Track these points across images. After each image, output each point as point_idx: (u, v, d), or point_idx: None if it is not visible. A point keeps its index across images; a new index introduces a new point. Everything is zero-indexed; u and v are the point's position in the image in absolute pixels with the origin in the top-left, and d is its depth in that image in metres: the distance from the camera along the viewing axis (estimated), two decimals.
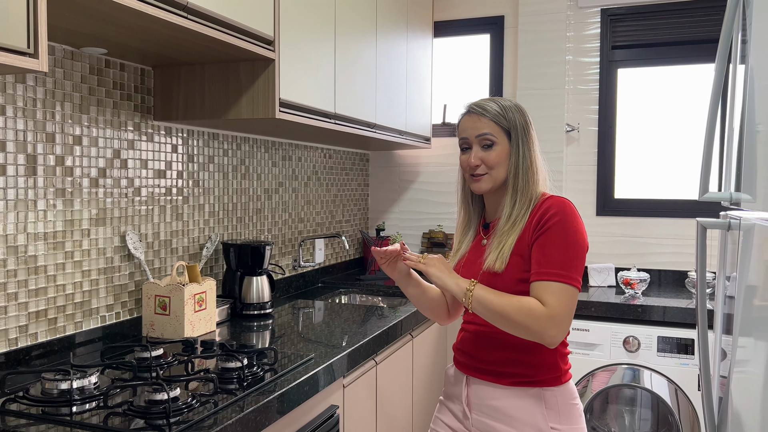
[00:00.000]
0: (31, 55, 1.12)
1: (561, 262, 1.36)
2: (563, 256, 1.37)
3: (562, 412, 1.44)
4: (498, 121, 1.47)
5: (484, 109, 1.48)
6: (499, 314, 1.37)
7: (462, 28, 3.40)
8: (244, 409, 1.32)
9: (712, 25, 2.98)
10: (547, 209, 1.42)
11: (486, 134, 1.46)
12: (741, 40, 1.22)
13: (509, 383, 1.46)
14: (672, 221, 3.05)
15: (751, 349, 1.01)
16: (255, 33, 1.77)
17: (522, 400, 1.45)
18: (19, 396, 1.36)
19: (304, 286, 2.89)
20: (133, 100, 1.93)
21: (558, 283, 1.36)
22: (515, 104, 1.51)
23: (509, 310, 1.36)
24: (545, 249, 1.38)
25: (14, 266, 1.57)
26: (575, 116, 3.20)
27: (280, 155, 2.72)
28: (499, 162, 1.46)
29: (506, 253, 1.43)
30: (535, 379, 1.45)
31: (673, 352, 2.50)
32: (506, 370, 1.47)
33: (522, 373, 1.45)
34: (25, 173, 1.59)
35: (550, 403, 1.44)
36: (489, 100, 1.51)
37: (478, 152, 1.47)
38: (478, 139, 1.47)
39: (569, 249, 1.37)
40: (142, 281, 1.97)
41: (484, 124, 1.47)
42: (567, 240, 1.38)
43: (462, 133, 1.51)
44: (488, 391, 1.49)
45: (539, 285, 1.37)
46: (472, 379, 1.53)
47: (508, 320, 1.37)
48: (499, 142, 1.47)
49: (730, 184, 1.21)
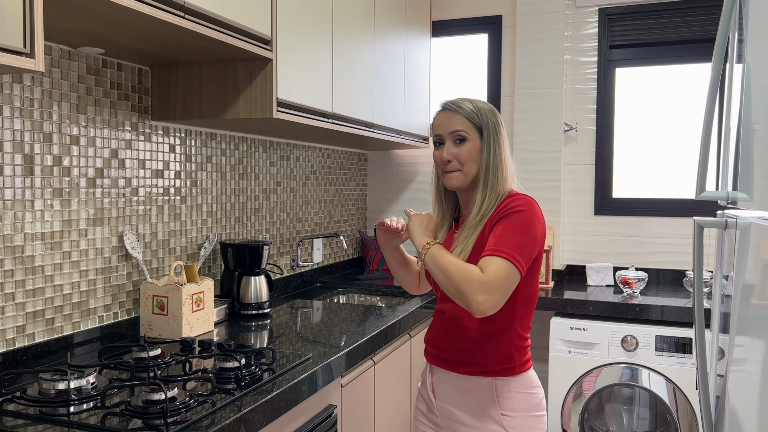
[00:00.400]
0: (28, 55, 1.12)
1: (512, 245, 1.43)
2: (516, 240, 1.43)
3: (515, 401, 1.53)
4: (471, 118, 1.53)
5: (458, 106, 1.54)
6: (442, 270, 1.44)
7: (460, 28, 3.40)
8: (241, 409, 1.32)
9: (710, 25, 2.98)
10: (509, 202, 1.50)
11: (459, 130, 1.52)
12: (738, 39, 1.22)
13: (465, 372, 1.57)
14: (670, 220, 3.06)
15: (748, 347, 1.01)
16: (252, 33, 1.77)
17: (476, 389, 1.55)
18: (17, 396, 1.36)
19: (303, 286, 2.89)
20: (131, 100, 1.93)
21: (503, 259, 1.41)
22: (489, 106, 1.58)
23: (451, 268, 1.43)
24: (499, 231, 1.45)
25: (11, 266, 1.57)
26: (573, 116, 3.20)
27: (278, 155, 2.72)
28: (470, 158, 1.52)
29: (469, 246, 1.51)
30: (488, 369, 1.54)
31: (671, 351, 2.51)
32: (463, 359, 1.57)
33: (476, 363, 1.55)
34: (23, 173, 1.59)
35: (502, 392, 1.53)
36: (464, 99, 1.57)
37: (451, 148, 1.53)
38: (451, 136, 1.53)
39: (523, 237, 1.44)
40: (139, 281, 1.97)
41: (457, 120, 1.53)
42: (522, 229, 1.45)
43: (436, 129, 1.57)
44: (448, 379, 1.61)
45: (486, 258, 1.43)
46: (435, 368, 1.65)
47: (447, 276, 1.43)
48: (471, 138, 1.53)
49: (727, 183, 1.21)
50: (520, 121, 3.19)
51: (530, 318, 1.59)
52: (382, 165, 3.58)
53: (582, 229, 3.21)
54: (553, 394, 2.68)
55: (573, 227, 3.22)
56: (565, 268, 3.21)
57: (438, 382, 1.64)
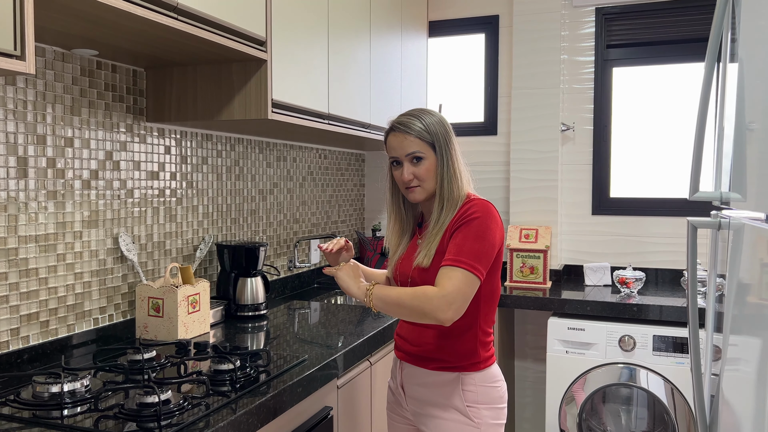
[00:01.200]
0: (18, 57, 1.12)
1: (470, 253, 1.50)
2: (474, 248, 1.51)
3: (480, 394, 1.61)
4: (422, 137, 1.60)
5: (408, 127, 1.60)
6: (396, 304, 1.52)
7: (457, 28, 3.40)
8: (236, 411, 1.32)
9: (706, 24, 2.98)
10: (467, 209, 1.57)
11: (414, 152, 1.60)
12: (731, 38, 1.21)
13: (433, 368, 1.64)
14: (667, 220, 3.05)
15: (742, 347, 1.01)
16: (246, 34, 1.76)
17: (443, 383, 1.63)
18: (10, 399, 1.36)
19: (300, 287, 2.88)
20: (125, 102, 1.93)
21: (460, 269, 1.49)
22: (437, 117, 1.64)
23: (404, 298, 1.51)
24: (459, 240, 1.53)
25: (5, 269, 1.56)
26: (570, 115, 3.19)
27: (275, 156, 2.72)
28: (428, 175, 1.61)
29: (432, 250, 1.59)
30: (454, 365, 1.62)
31: (668, 351, 2.50)
32: (432, 356, 1.64)
33: (444, 359, 1.63)
34: (16, 175, 1.58)
35: (468, 386, 1.61)
36: (411, 116, 1.62)
37: (410, 168, 1.61)
38: (407, 157, 1.60)
39: (482, 243, 1.52)
40: (135, 283, 1.96)
41: (410, 142, 1.60)
42: (480, 235, 1.52)
43: (391, 152, 1.64)
44: (417, 374, 1.68)
45: (443, 270, 1.51)
46: (404, 363, 1.71)
47: (405, 307, 1.51)
48: (426, 156, 1.60)
49: (721, 183, 1.21)
50: (518, 121, 3.19)
51: (494, 313, 1.68)
52: (379, 165, 3.57)
53: (579, 228, 3.21)
54: (551, 394, 2.68)
55: (570, 227, 3.22)
56: (563, 268, 3.21)
57: (407, 377, 1.70)
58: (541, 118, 3.15)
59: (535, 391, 3.27)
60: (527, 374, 3.28)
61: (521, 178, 3.20)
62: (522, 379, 3.29)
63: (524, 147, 3.18)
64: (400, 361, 1.74)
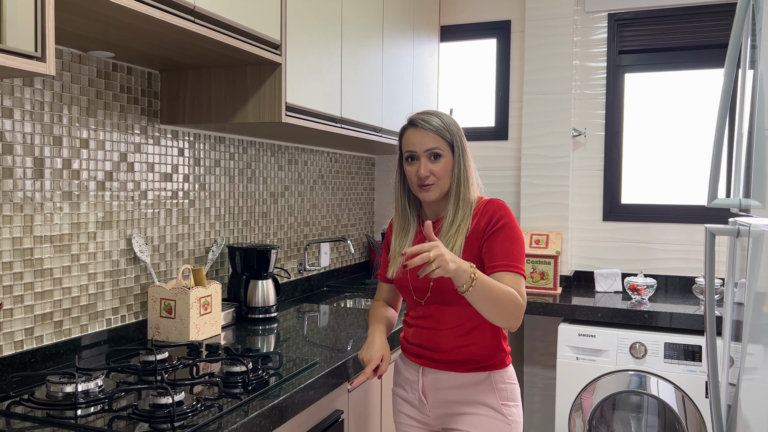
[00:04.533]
0: (39, 59, 1.12)
1: (519, 257, 1.54)
2: (516, 251, 1.55)
3: (509, 391, 1.63)
4: (443, 135, 1.60)
5: (429, 123, 1.60)
6: (494, 299, 1.43)
7: (469, 33, 3.40)
8: (248, 414, 1.32)
9: (720, 31, 2.96)
10: (494, 211, 1.58)
11: (434, 148, 1.59)
12: (750, 45, 1.21)
13: (465, 370, 1.62)
14: (679, 227, 3.04)
15: (760, 356, 1.00)
16: (262, 37, 1.77)
17: (475, 383, 1.61)
18: (24, 399, 1.36)
19: (310, 290, 2.88)
20: (140, 104, 1.94)
21: (519, 275, 1.53)
22: (452, 119, 1.65)
23: (503, 296, 1.44)
24: (503, 244, 1.54)
25: (20, 269, 1.57)
26: (582, 121, 3.19)
27: (286, 159, 2.72)
28: (445, 173, 1.60)
29: (457, 252, 1.56)
30: (486, 364, 1.62)
31: (680, 358, 2.48)
32: (461, 359, 1.61)
33: (475, 360, 1.61)
34: (32, 176, 1.60)
35: (499, 384, 1.62)
36: (429, 114, 1.62)
37: (427, 164, 1.59)
38: (426, 153, 1.59)
39: (519, 245, 1.56)
40: (147, 284, 1.97)
41: (431, 138, 1.59)
42: (516, 237, 1.56)
43: (409, 146, 1.62)
44: (445, 379, 1.63)
45: (510, 276, 1.52)
46: (429, 370, 1.66)
47: (502, 304, 1.44)
48: (445, 155, 1.60)
49: (739, 190, 1.20)
50: (529, 126, 3.19)
51: None
52: (389, 169, 3.57)
53: (590, 234, 3.20)
54: (561, 401, 2.66)
55: (581, 233, 3.21)
56: (573, 274, 3.20)
57: (433, 382, 1.65)
58: (553, 124, 3.14)
59: (544, 397, 3.26)
60: (536, 380, 3.26)
61: (532, 183, 3.19)
62: (531, 386, 3.28)
63: (535, 152, 3.18)
64: (422, 368, 1.67)
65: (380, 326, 1.72)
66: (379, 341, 1.65)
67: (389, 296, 1.85)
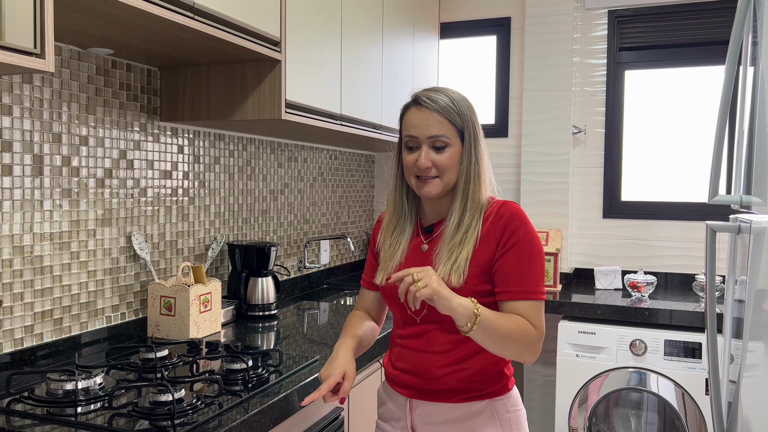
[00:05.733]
0: (38, 56, 1.12)
1: (535, 279, 1.30)
2: (535, 271, 1.30)
3: (514, 421, 1.38)
4: (452, 119, 1.32)
5: (436, 103, 1.32)
6: (501, 337, 1.24)
7: (468, 30, 3.39)
8: (248, 411, 1.32)
9: (720, 27, 2.96)
10: (508, 220, 1.32)
11: (440, 136, 1.31)
12: (751, 42, 1.20)
13: (459, 401, 1.36)
14: (679, 224, 3.04)
15: (761, 353, 1.00)
16: (261, 34, 1.77)
17: (473, 415, 1.36)
18: (24, 396, 1.36)
19: (310, 288, 2.88)
20: (140, 101, 1.93)
21: (537, 302, 1.30)
22: (465, 98, 1.37)
23: (512, 335, 1.25)
24: (518, 265, 1.30)
25: (20, 266, 1.57)
26: (582, 118, 3.18)
27: (286, 156, 2.72)
28: (451, 165, 1.33)
29: (463, 265, 1.30)
30: (484, 392, 1.36)
31: (680, 355, 2.49)
32: (455, 387, 1.36)
33: (471, 388, 1.36)
34: (32, 173, 1.59)
35: (501, 413, 1.37)
36: (437, 91, 1.35)
37: (429, 154, 1.32)
38: (429, 140, 1.32)
39: (539, 263, 1.31)
40: (147, 282, 1.97)
41: (436, 123, 1.31)
42: (533, 253, 1.31)
43: (410, 130, 1.34)
44: (436, 412, 1.38)
45: (519, 304, 1.29)
46: (417, 402, 1.40)
47: (509, 344, 1.25)
48: (452, 143, 1.33)
49: (740, 187, 1.20)
50: (529, 123, 3.18)
51: None
52: (389, 166, 3.57)
53: (590, 232, 3.19)
54: (561, 398, 2.66)
55: (581, 230, 3.21)
56: (573, 272, 3.20)
57: (422, 416, 1.39)
58: (553, 121, 3.14)
59: (544, 394, 3.26)
60: (536, 377, 3.26)
61: (532, 180, 3.19)
62: (531, 383, 3.28)
63: (535, 149, 3.17)
64: (409, 401, 1.41)
65: (349, 341, 1.41)
66: (342, 357, 1.35)
67: (373, 306, 1.56)
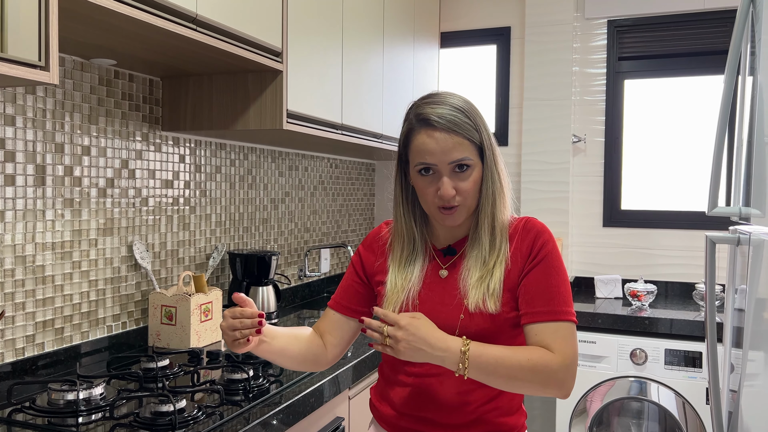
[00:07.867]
0: (42, 68, 1.13)
1: (564, 297, 1.16)
2: (564, 289, 1.17)
3: None
4: (470, 136, 1.16)
5: (452, 123, 1.15)
6: (506, 378, 1.10)
7: (469, 39, 3.41)
8: (249, 421, 1.32)
9: (719, 37, 2.98)
10: (536, 236, 1.20)
11: (462, 159, 1.15)
12: (750, 52, 1.21)
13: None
14: (679, 233, 3.04)
15: (761, 362, 1.00)
16: (263, 45, 1.78)
17: None
18: (26, 406, 1.36)
19: (310, 296, 2.88)
20: (142, 111, 1.94)
21: (567, 323, 1.15)
22: (467, 101, 1.21)
23: (518, 372, 1.10)
24: (546, 282, 1.17)
25: (22, 276, 1.57)
26: (582, 127, 3.19)
27: (287, 165, 2.73)
28: (474, 189, 1.18)
29: (498, 290, 1.17)
30: (503, 429, 1.22)
31: (680, 365, 2.48)
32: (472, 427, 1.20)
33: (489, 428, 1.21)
34: (34, 183, 1.60)
35: None
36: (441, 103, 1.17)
37: (451, 181, 1.16)
38: (450, 166, 1.16)
39: (567, 282, 1.19)
40: (148, 291, 1.97)
41: (455, 144, 1.15)
42: (561, 271, 1.19)
43: (425, 158, 1.16)
44: None
45: (545, 327, 1.14)
46: None
47: (519, 381, 1.11)
48: (474, 163, 1.17)
49: (739, 198, 1.21)
50: (529, 132, 3.19)
51: None
52: (389, 175, 3.58)
53: (590, 240, 3.20)
54: (562, 408, 2.66)
55: (581, 239, 3.21)
56: (574, 280, 3.20)
57: None
58: (553, 130, 3.15)
59: (544, 403, 3.25)
60: None
61: (532, 189, 3.19)
62: None
63: (535, 158, 3.18)
64: None
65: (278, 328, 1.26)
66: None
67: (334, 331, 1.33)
